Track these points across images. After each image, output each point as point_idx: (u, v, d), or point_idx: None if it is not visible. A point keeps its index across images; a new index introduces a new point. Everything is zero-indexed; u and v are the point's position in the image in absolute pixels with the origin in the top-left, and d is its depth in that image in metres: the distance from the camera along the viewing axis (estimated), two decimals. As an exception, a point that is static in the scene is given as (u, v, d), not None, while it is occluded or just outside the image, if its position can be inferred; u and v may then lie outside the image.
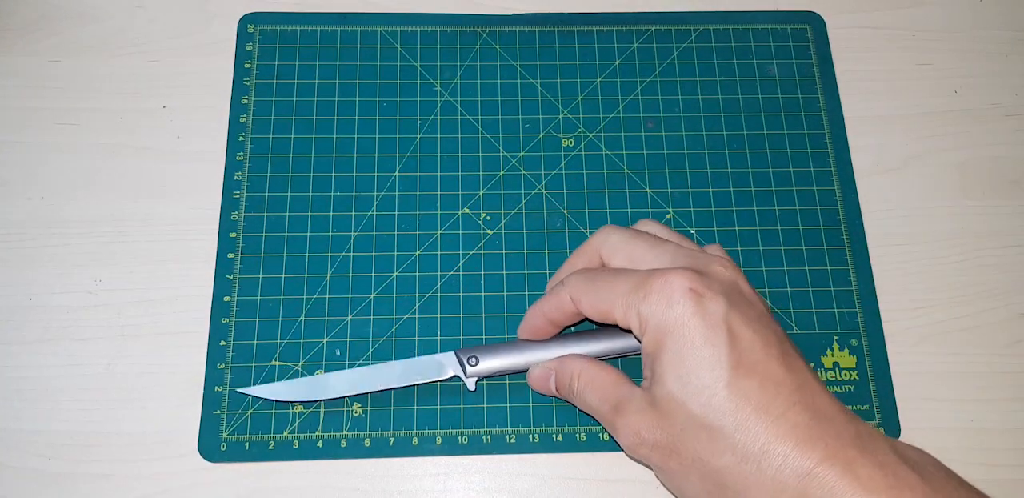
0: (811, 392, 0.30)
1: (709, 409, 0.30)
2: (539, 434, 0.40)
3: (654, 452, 0.32)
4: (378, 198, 0.44)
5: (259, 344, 0.41)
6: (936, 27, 0.50)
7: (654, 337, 0.31)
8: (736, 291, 0.32)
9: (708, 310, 0.31)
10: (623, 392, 0.33)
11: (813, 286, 0.43)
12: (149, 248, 0.43)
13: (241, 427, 0.39)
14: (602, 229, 0.36)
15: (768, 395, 0.29)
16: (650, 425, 0.31)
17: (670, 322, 0.31)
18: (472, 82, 0.47)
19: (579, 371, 0.35)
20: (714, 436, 0.30)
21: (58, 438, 0.39)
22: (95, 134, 0.45)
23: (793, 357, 0.31)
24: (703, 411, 0.30)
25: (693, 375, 0.30)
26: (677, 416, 0.31)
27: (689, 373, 0.30)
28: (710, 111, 0.47)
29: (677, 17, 0.49)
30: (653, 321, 0.31)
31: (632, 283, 0.32)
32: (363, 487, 0.39)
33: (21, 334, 0.41)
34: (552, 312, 0.36)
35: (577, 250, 0.37)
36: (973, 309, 0.43)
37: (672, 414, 0.31)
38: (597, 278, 0.34)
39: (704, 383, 0.30)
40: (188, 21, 0.48)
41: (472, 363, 0.38)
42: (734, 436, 0.29)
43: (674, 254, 0.34)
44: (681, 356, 0.31)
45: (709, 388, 0.30)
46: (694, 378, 0.30)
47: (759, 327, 0.31)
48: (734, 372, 0.30)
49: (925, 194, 0.46)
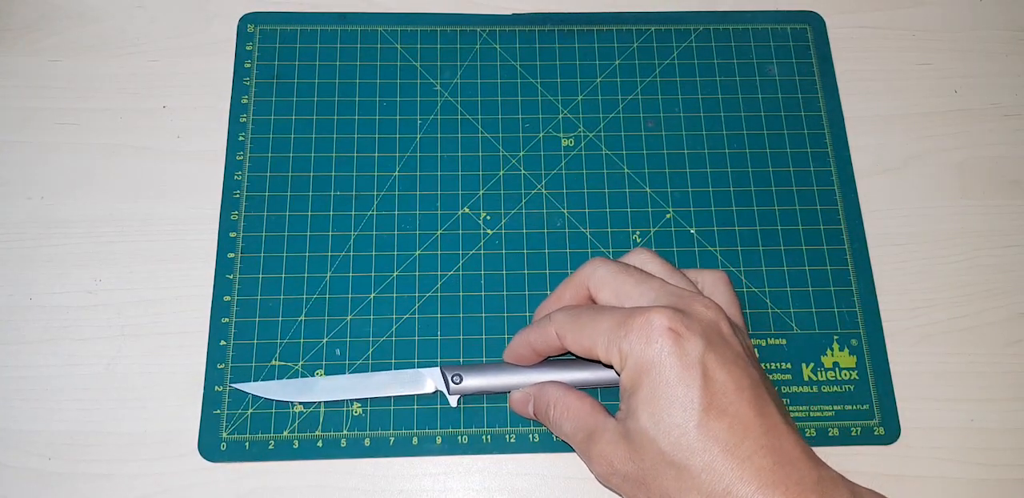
0: (778, 436, 0.31)
1: (678, 448, 0.30)
2: (539, 434, 0.40)
3: (624, 483, 0.33)
4: (378, 198, 0.44)
5: (259, 344, 0.41)
6: (936, 27, 0.50)
7: (632, 373, 0.32)
8: (716, 332, 0.33)
9: (685, 350, 0.31)
10: (598, 422, 0.34)
11: (813, 286, 0.43)
12: (149, 248, 0.43)
13: (241, 427, 0.39)
14: (591, 261, 0.37)
15: (736, 437, 0.30)
16: (622, 457, 0.32)
17: (648, 360, 0.32)
18: (472, 82, 0.47)
19: (556, 399, 0.36)
20: (682, 474, 0.30)
21: (58, 438, 0.39)
22: (95, 134, 0.45)
23: (765, 400, 0.32)
24: (672, 449, 0.31)
25: (665, 413, 0.31)
26: (648, 451, 0.31)
27: (662, 411, 0.31)
28: (710, 111, 0.47)
29: (677, 17, 0.49)
30: (632, 358, 0.32)
31: (614, 321, 0.33)
32: (363, 487, 0.39)
33: (21, 334, 0.41)
34: (537, 343, 0.37)
35: (565, 281, 0.38)
36: (973, 309, 0.43)
37: (643, 448, 0.31)
38: (582, 315, 0.35)
39: (675, 422, 0.31)
40: (188, 21, 0.48)
41: (456, 381, 0.39)
42: (700, 476, 0.30)
43: (659, 291, 0.34)
44: (656, 394, 0.31)
45: (680, 427, 0.31)
46: (666, 416, 0.31)
47: (734, 369, 0.32)
48: (705, 413, 0.30)
49: (925, 194, 0.46)
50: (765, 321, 0.42)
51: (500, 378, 0.39)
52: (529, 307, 0.42)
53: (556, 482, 0.39)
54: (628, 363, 0.32)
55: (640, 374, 0.32)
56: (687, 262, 0.43)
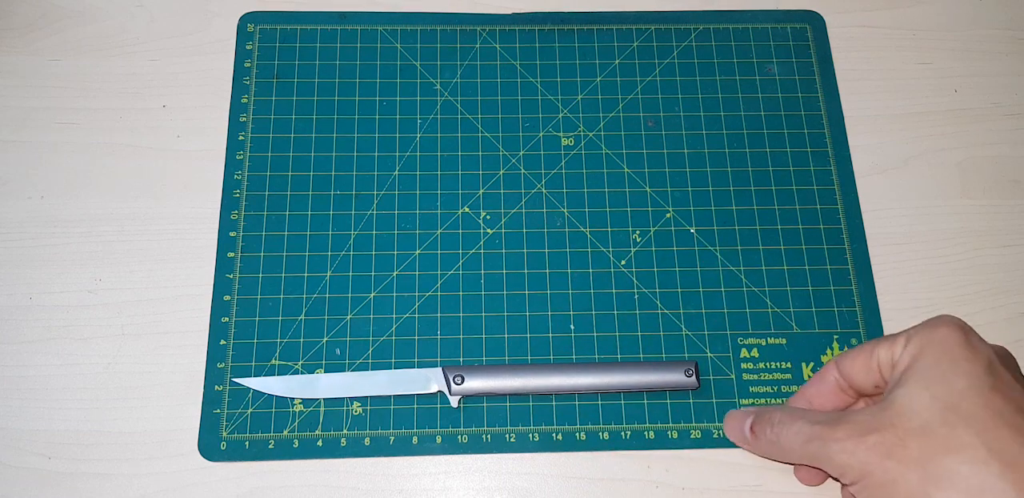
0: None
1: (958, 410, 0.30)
2: (539, 433, 0.40)
3: (874, 450, 0.31)
4: (378, 197, 0.44)
5: (259, 343, 0.41)
6: (936, 26, 0.50)
7: (913, 351, 0.32)
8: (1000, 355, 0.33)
9: (971, 342, 0.32)
10: (831, 417, 0.33)
11: (813, 285, 0.43)
12: (149, 247, 0.43)
13: (241, 426, 0.39)
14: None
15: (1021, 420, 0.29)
16: (879, 424, 0.31)
17: (936, 339, 0.32)
18: (472, 81, 0.47)
19: (780, 416, 0.35)
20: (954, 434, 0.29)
21: (58, 437, 0.39)
22: (95, 133, 0.45)
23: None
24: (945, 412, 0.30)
25: (949, 379, 0.30)
26: (918, 412, 0.30)
27: (946, 376, 0.31)
28: (710, 110, 0.47)
29: (677, 16, 0.49)
30: (917, 338, 0.32)
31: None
32: (363, 486, 0.39)
33: (21, 334, 0.41)
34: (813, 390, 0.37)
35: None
36: (973, 308, 0.43)
37: (911, 411, 0.30)
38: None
39: (960, 386, 0.30)
40: (188, 20, 0.48)
41: (457, 381, 0.39)
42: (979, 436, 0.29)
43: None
44: (939, 363, 0.31)
45: (964, 392, 0.30)
46: (951, 381, 0.30)
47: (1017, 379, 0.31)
48: (991, 391, 0.30)
49: (925, 194, 0.46)
50: (765, 321, 0.42)
51: (502, 380, 0.39)
52: (529, 307, 0.42)
53: (556, 482, 0.39)
54: (912, 341, 0.32)
55: (922, 350, 0.32)
56: (687, 262, 0.43)
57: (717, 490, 0.39)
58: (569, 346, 0.42)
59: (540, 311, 0.42)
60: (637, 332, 0.42)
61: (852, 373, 0.35)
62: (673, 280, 0.43)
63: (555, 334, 0.42)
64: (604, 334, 0.42)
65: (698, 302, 0.42)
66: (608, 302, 0.42)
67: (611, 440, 0.40)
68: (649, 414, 0.40)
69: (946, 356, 0.31)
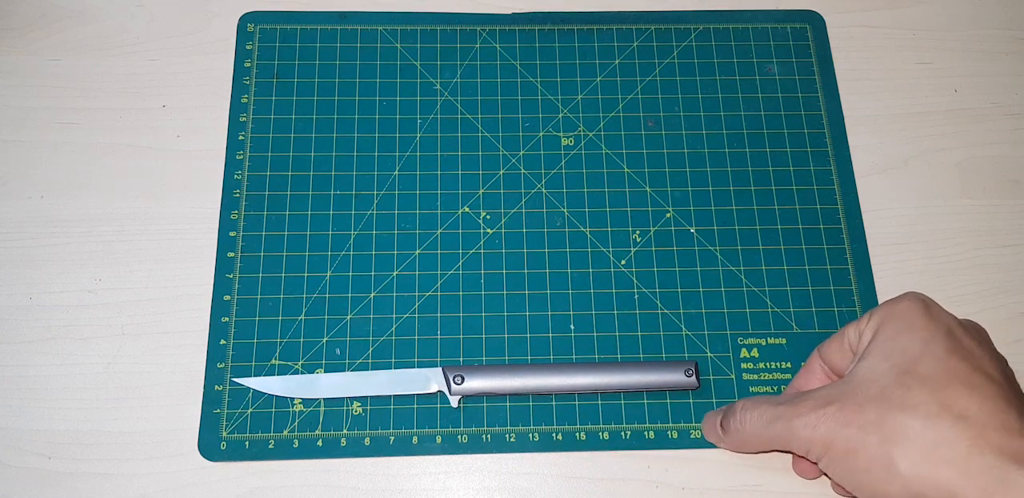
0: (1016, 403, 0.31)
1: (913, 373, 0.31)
2: (539, 433, 0.40)
3: (834, 419, 0.31)
4: (378, 197, 0.44)
5: (259, 343, 0.41)
6: (936, 26, 0.50)
7: (874, 325, 0.33)
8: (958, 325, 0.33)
9: (933, 311, 0.33)
10: (795, 395, 0.34)
11: (813, 285, 0.43)
12: (149, 247, 0.43)
13: (241, 426, 0.39)
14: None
15: (977, 375, 0.30)
16: (840, 394, 0.32)
17: (896, 311, 0.33)
18: (472, 81, 0.47)
19: (742, 402, 0.36)
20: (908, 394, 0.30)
21: (58, 437, 0.39)
22: (95, 133, 0.45)
23: (1014, 383, 0.32)
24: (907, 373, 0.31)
25: (907, 346, 0.31)
26: (876, 379, 0.31)
27: (904, 344, 0.32)
28: (710, 110, 0.47)
29: (677, 16, 0.49)
30: (879, 313, 0.33)
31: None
32: (363, 486, 0.39)
33: (21, 334, 0.41)
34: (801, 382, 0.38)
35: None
36: (973, 308, 0.43)
37: (870, 380, 0.31)
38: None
39: (917, 352, 0.31)
40: (188, 20, 0.48)
41: (458, 381, 0.39)
42: (933, 394, 0.30)
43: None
44: (898, 334, 0.32)
45: (920, 356, 0.31)
46: (908, 348, 0.31)
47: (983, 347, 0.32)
48: (947, 353, 0.31)
49: (925, 193, 0.46)
50: (765, 321, 0.42)
51: (502, 380, 0.39)
52: (529, 307, 0.42)
53: (556, 482, 0.39)
54: (874, 316, 0.33)
55: (883, 322, 0.33)
56: (687, 262, 0.43)
57: (717, 490, 0.39)
58: (569, 346, 0.42)
59: (540, 311, 0.42)
60: (637, 332, 0.42)
61: (830, 357, 0.36)
62: (673, 280, 0.43)
63: (555, 334, 0.42)
64: (604, 334, 0.42)
65: (698, 302, 0.42)
66: (608, 302, 0.42)
67: (611, 440, 0.40)
68: (649, 414, 0.40)
69: (905, 326, 0.32)
